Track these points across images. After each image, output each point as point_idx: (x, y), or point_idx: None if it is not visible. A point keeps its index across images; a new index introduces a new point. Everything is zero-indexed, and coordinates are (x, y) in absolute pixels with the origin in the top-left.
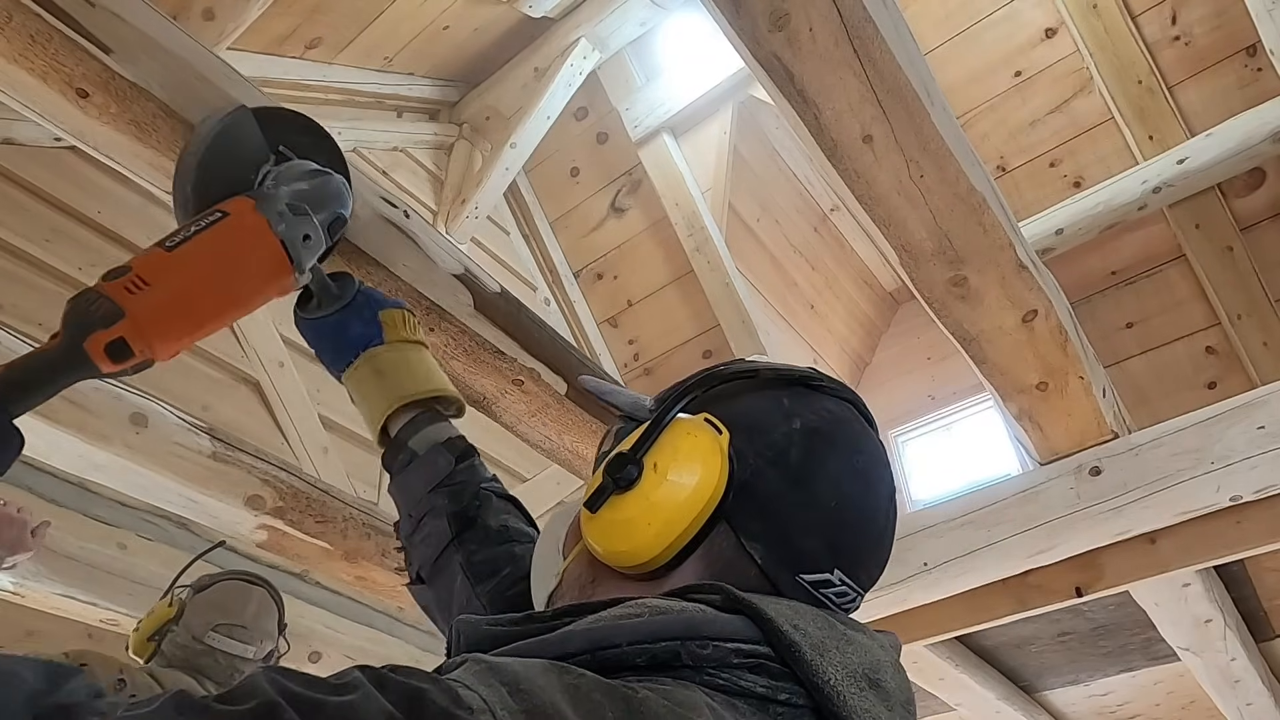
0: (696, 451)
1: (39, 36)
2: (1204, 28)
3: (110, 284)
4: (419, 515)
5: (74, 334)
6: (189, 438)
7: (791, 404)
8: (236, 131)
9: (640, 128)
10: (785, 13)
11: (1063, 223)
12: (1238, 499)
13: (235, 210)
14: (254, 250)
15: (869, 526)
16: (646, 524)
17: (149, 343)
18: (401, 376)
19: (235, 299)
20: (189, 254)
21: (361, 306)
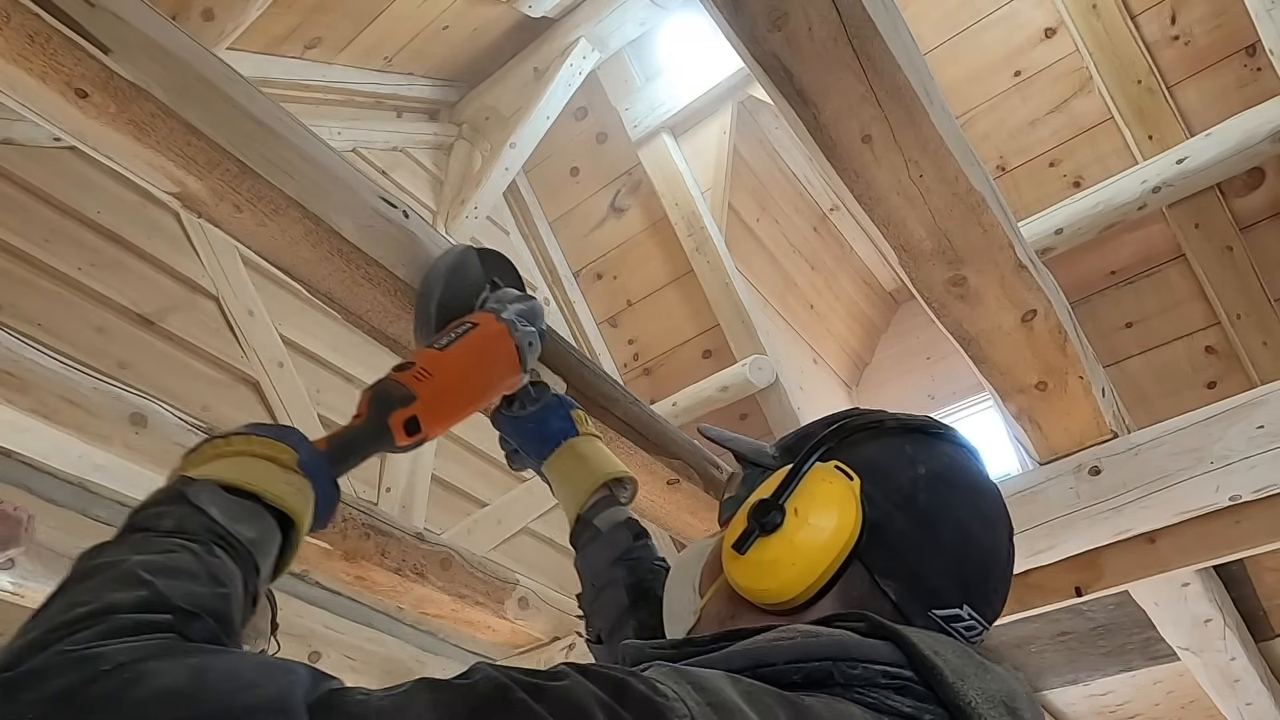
0: (833, 497)
1: (38, 36)
2: (1203, 27)
3: (403, 374)
4: (601, 585)
5: (380, 412)
6: (188, 437)
7: (914, 450)
8: (465, 265)
9: (640, 128)
10: (784, 12)
11: (1062, 222)
12: (1237, 499)
13: (483, 321)
14: (499, 351)
15: (993, 563)
16: (790, 564)
17: (431, 420)
18: (595, 463)
19: (485, 391)
20: (456, 353)
21: (557, 406)
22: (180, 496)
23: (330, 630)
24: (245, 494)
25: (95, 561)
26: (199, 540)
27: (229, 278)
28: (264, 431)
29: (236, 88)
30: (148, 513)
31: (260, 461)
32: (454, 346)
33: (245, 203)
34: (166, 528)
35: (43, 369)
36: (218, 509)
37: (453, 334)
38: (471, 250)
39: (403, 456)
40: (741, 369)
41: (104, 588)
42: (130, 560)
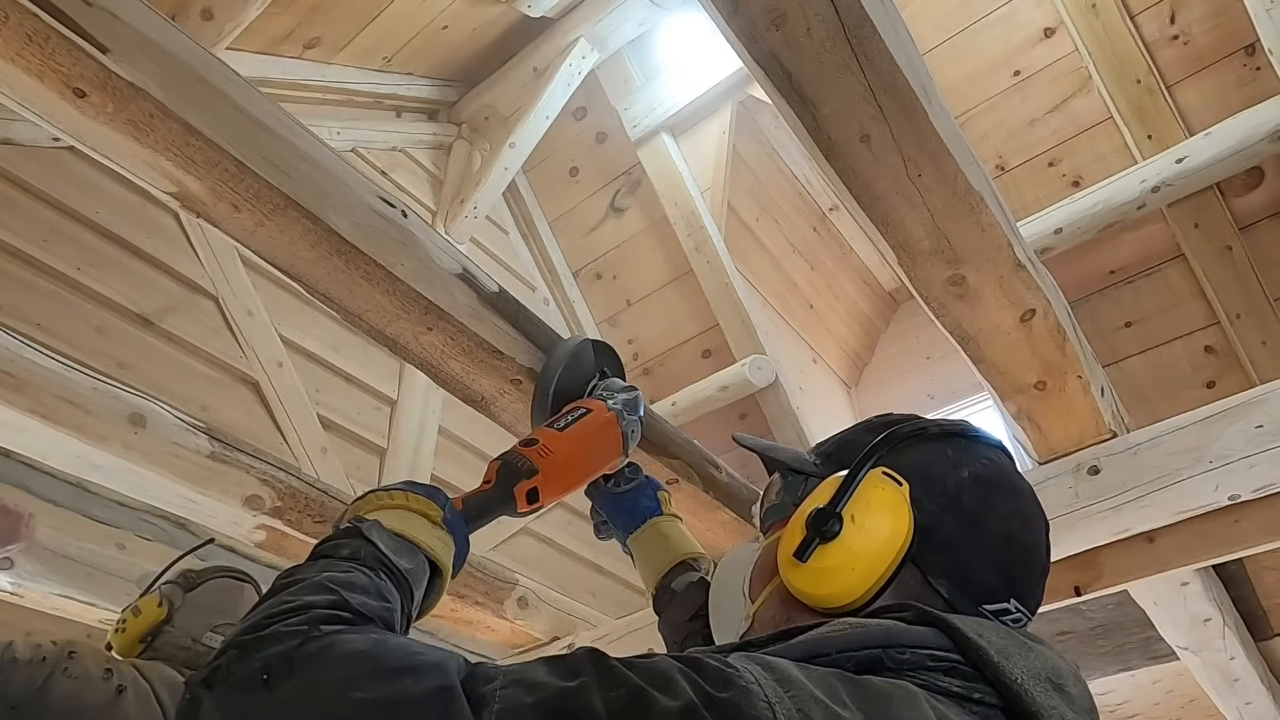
0: (887, 503)
1: (36, 36)
2: (1203, 27)
3: (528, 450)
4: (680, 640)
5: (508, 482)
6: (187, 438)
7: (956, 454)
8: (581, 355)
9: (639, 127)
10: (783, 12)
11: (1061, 222)
12: (1236, 498)
13: (595, 409)
14: (607, 436)
15: (1034, 557)
16: (851, 569)
17: (548, 492)
18: (677, 540)
19: (594, 469)
20: (573, 435)
21: (647, 486)
22: (356, 532)
23: None
24: (405, 539)
25: (292, 577)
26: (370, 566)
27: (228, 278)
28: (418, 490)
29: (235, 88)
30: (329, 544)
31: (415, 515)
32: (571, 429)
33: (244, 202)
34: (344, 555)
35: (41, 369)
36: (384, 544)
37: (569, 417)
38: (588, 341)
39: (403, 457)
40: (741, 369)
41: (303, 593)
42: (320, 576)
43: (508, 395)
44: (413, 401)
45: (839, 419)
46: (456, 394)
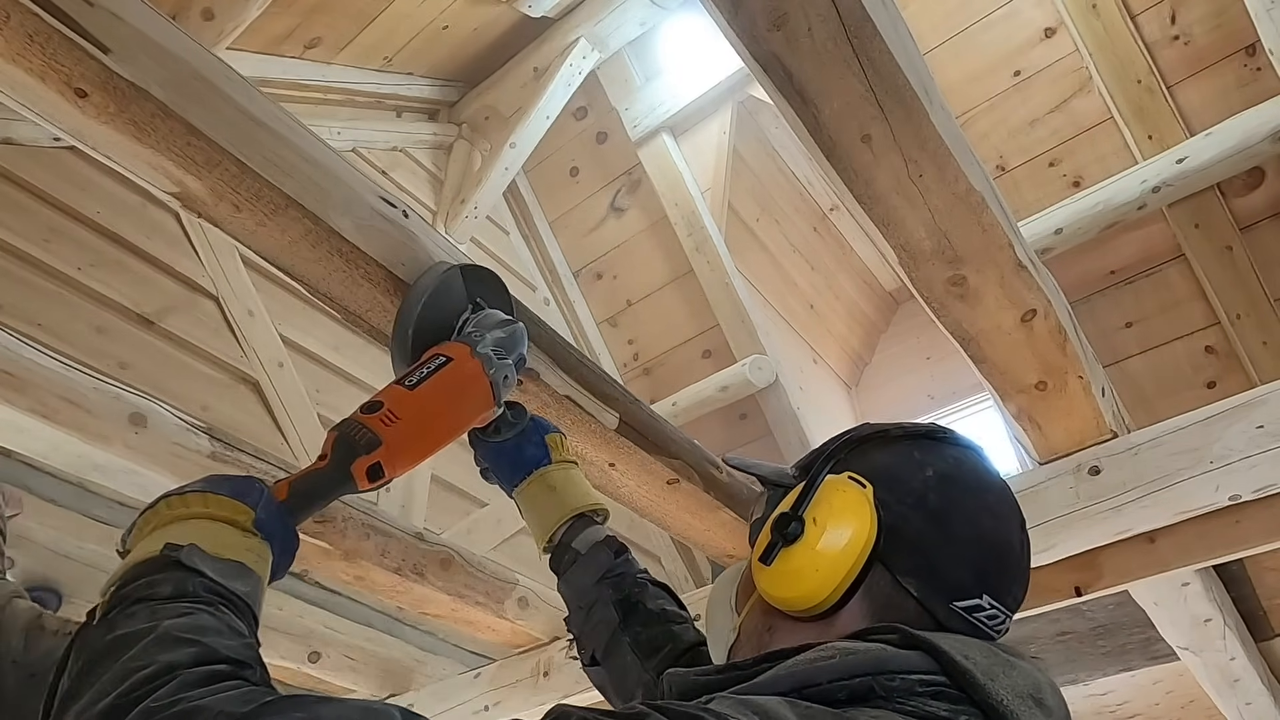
0: (848, 505)
1: (37, 36)
2: (1203, 27)
3: (369, 417)
4: (588, 605)
5: (343, 458)
6: (188, 438)
7: (922, 455)
8: (447, 286)
9: (640, 127)
10: (783, 12)
11: (1062, 222)
12: (1237, 498)
13: (457, 356)
14: (472, 389)
15: (1006, 553)
16: (814, 570)
17: (395, 466)
18: (567, 493)
19: (454, 429)
20: (426, 393)
21: (532, 432)
22: (172, 563)
23: (330, 630)
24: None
25: (115, 634)
26: (205, 600)
27: (229, 278)
28: (222, 489)
29: (236, 88)
30: (138, 584)
31: (220, 526)
32: (424, 385)
33: (245, 202)
34: (166, 594)
35: (42, 369)
36: (212, 569)
37: (424, 369)
38: (455, 269)
39: None
40: (741, 369)
41: (150, 652)
42: (160, 625)
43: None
44: None
45: (839, 419)
46: None
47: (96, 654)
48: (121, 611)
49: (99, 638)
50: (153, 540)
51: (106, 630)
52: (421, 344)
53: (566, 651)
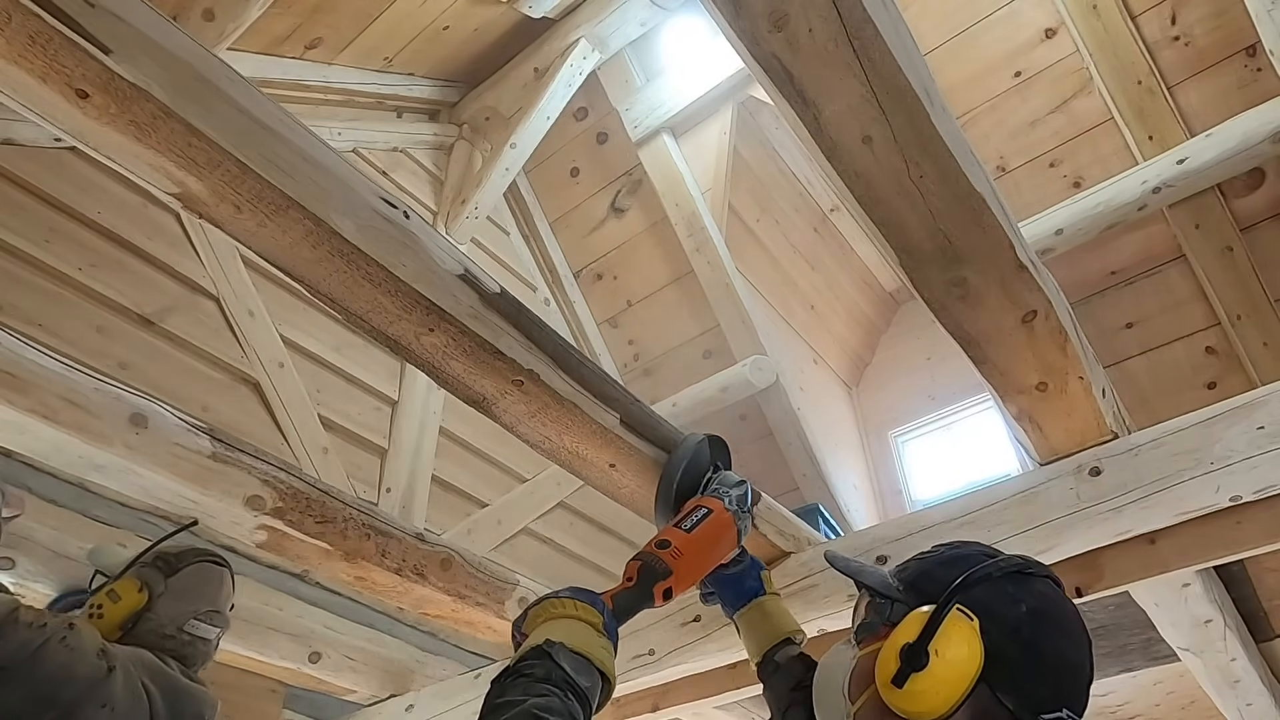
0: (963, 637)
1: (39, 37)
2: (1204, 28)
3: (664, 552)
4: (784, 708)
5: (648, 583)
6: (189, 438)
7: (1015, 590)
8: (698, 453)
9: (640, 128)
10: (785, 13)
11: (1062, 223)
12: (1237, 499)
13: (715, 509)
14: (726, 535)
15: (1082, 673)
16: (937, 693)
17: (679, 588)
18: (779, 618)
19: (715, 562)
20: (698, 536)
21: (751, 567)
22: (546, 654)
23: (330, 630)
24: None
25: (502, 698)
26: (560, 688)
27: (229, 278)
28: (582, 597)
29: (237, 88)
30: (524, 663)
31: (585, 626)
32: (697, 531)
33: (245, 203)
34: (539, 676)
35: (43, 369)
36: (569, 665)
37: (693, 517)
38: (705, 439)
39: (404, 458)
40: (742, 369)
41: None
42: (528, 701)
43: (509, 396)
44: (413, 402)
45: (839, 419)
46: (458, 395)
47: (491, 709)
48: (512, 682)
49: (494, 695)
50: (539, 633)
51: (500, 691)
52: (682, 497)
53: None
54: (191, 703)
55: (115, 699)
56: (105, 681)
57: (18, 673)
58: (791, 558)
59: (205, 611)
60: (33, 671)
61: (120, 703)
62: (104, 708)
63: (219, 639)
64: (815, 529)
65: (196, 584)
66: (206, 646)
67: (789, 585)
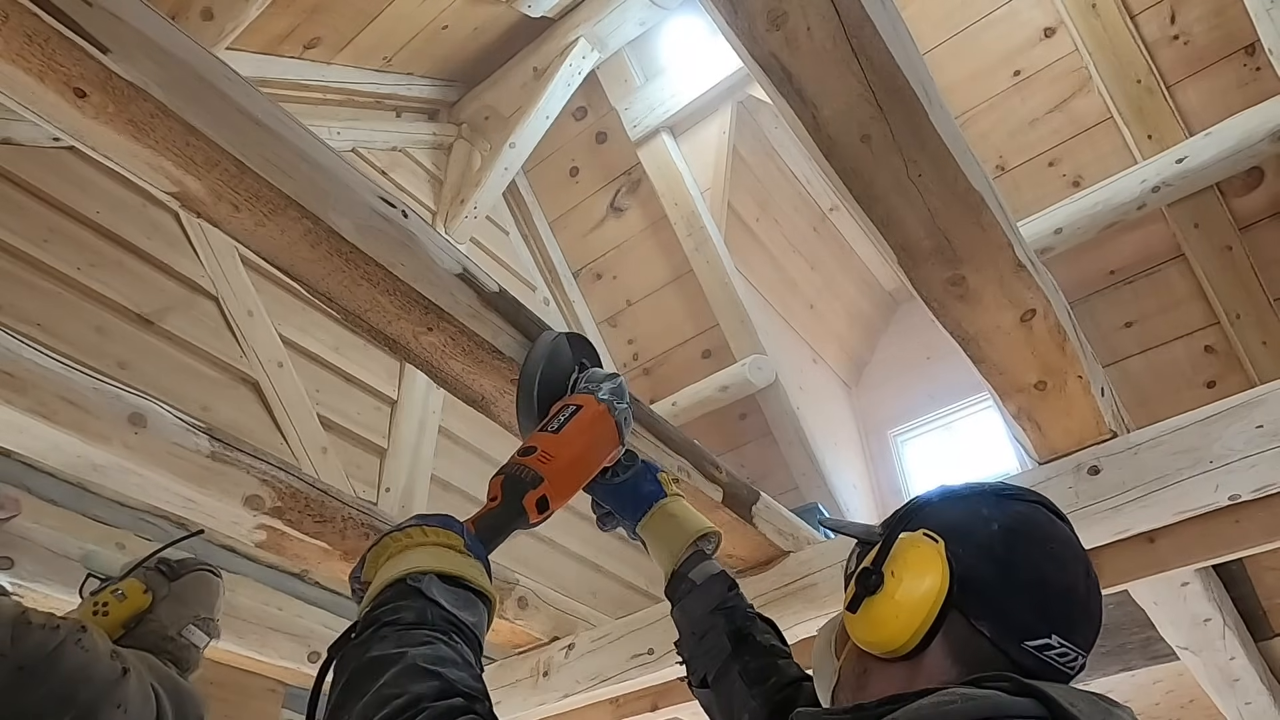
0: (922, 558)
1: (36, 36)
2: (1203, 27)
3: (527, 459)
4: (701, 632)
5: (515, 494)
6: (188, 438)
7: (988, 511)
8: (557, 351)
9: (639, 127)
10: (783, 12)
11: (1061, 222)
12: (1236, 498)
13: (585, 404)
14: (603, 428)
15: (1071, 595)
16: (894, 617)
17: (556, 496)
18: (687, 520)
19: (595, 464)
20: (569, 434)
21: (644, 471)
22: (413, 591)
23: (330, 630)
24: (455, 581)
25: (369, 655)
26: (442, 630)
27: (228, 278)
28: (433, 521)
29: (236, 88)
30: (385, 609)
31: (442, 550)
32: (566, 428)
33: (244, 202)
34: (409, 620)
35: (42, 369)
36: (446, 600)
37: (561, 417)
38: (562, 335)
39: (403, 457)
40: (741, 369)
41: (400, 682)
42: (407, 655)
43: (508, 395)
44: (413, 401)
45: (839, 419)
46: (457, 394)
47: (355, 673)
48: (374, 634)
49: (357, 657)
50: (391, 567)
51: (363, 651)
52: (546, 400)
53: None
54: (193, 704)
55: (129, 700)
56: (120, 683)
57: (36, 672)
58: (791, 557)
59: (202, 618)
60: (51, 671)
61: (133, 704)
62: (119, 708)
63: (207, 647)
64: (814, 528)
65: (196, 591)
66: (197, 653)
67: (789, 584)
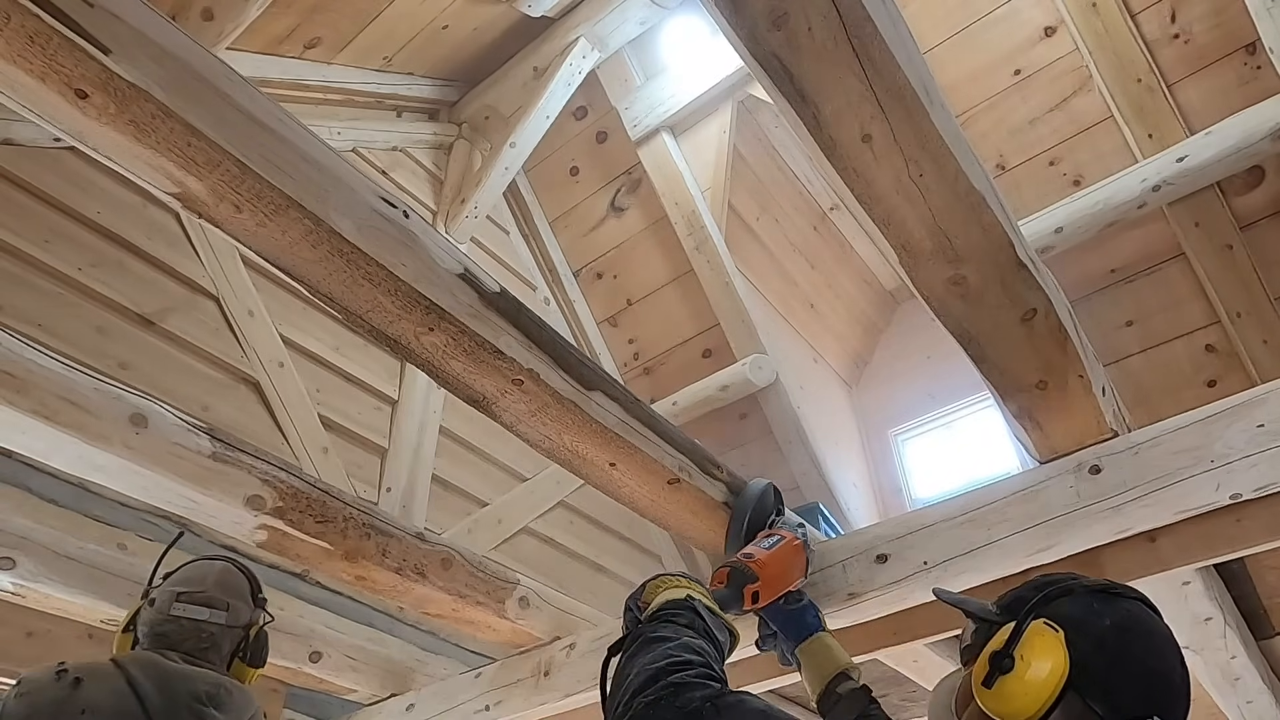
0: (1047, 646)
1: (38, 37)
2: (1203, 26)
3: (750, 561)
4: None
5: (738, 584)
6: (189, 438)
7: (1100, 607)
8: (766, 495)
9: (640, 127)
10: (784, 12)
11: (1062, 221)
12: (1237, 497)
13: (787, 536)
14: (799, 558)
15: (1170, 683)
16: (1024, 694)
17: (765, 594)
18: (838, 652)
19: (789, 582)
20: (777, 554)
21: (811, 606)
22: (689, 606)
23: (331, 630)
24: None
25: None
26: (705, 635)
27: (229, 278)
28: (696, 580)
29: (236, 88)
30: (667, 612)
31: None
32: (775, 550)
33: (245, 203)
34: (684, 623)
35: (43, 369)
36: (709, 620)
37: (769, 540)
38: (770, 485)
39: (404, 457)
40: (741, 368)
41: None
42: (683, 639)
43: (509, 395)
44: (413, 401)
45: (839, 418)
46: (458, 394)
47: (642, 644)
48: (656, 626)
49: (645, 634)
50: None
51: (651, 630)
52: (752, 531)
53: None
54: (185, 682)
55: (92, 703)
56: (73, 696)
57: None
58: None
59: (187, 593)
60: None
61: (100, 704)
62: (83, 713)
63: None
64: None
65: (181, 575)
66: (194, 625)
67: None
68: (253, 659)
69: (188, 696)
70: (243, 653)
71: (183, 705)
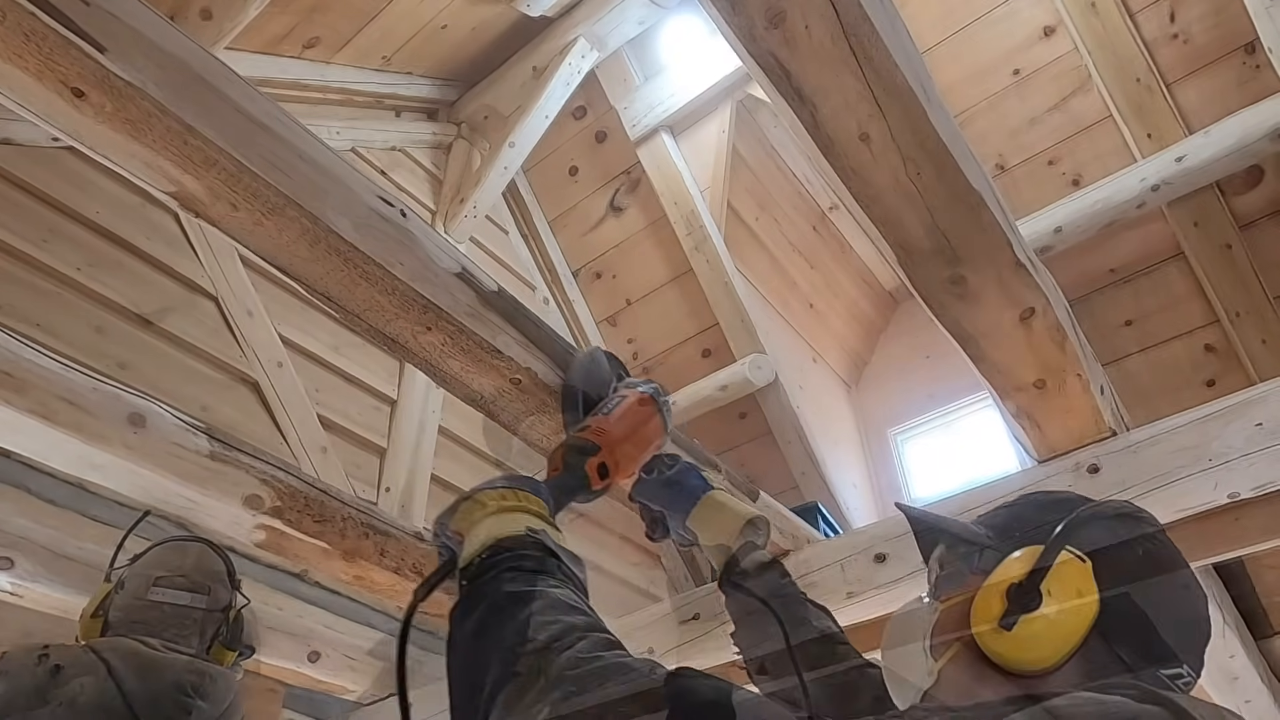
0: (1077, 580)
1: (33, 35)
2: (1202, 25)
3: (586, 432)
4: (756, 620)
5: (576, 461)
6: (187, 438)
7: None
8: (597, 359)
9: (639, 126)
10: (782, 10)
11: (1061, 221)
12: (1236, 496)
13: (628, 395)
14: (649, 413)
15: (1202, 627)
16: (1050, 638)
17: (614, 464)
18: (732, 508)
19: (647, 445)
20: (618, 414)
21: (689, 467)
22: (534, 543)
23: (330, 630)
24: None
25: (508, 590)
26: (565, 577)
27: (228, 278)
28: (524, 486)
29: (234, 87)
30: (507, 556)
31: (537, 519)
32: (615, 412)
33: (242, 201)
34: (531, 568)
35: (41, 369)
36: (564, 555)
37: (608, 405)
38: (600, 350)
39: (403, 457)
40: (741, 368)
41: (550, 612)
42: (547, 592)
43: (507, 395)
44: (413, 401)
45: (839, 418)
46: (456, 393)
47: (493, 605)
48: (499, 575)
49: (495, 590)
50: (497, 524)
51: (497, 586)
52: (589, 403)
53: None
54: (168, 671)
55: (72, 693)
56: (50, 684)
57: None
58: (790, 556)
59: (165, 577)
60: None
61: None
62: (60, 706)
63: (211, 606)
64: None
65: (155, 558)
66: (176, 611)
67: None
68: (232, 641)
69: (171, 687)
70: (223, 636)
71: (166, 696)
